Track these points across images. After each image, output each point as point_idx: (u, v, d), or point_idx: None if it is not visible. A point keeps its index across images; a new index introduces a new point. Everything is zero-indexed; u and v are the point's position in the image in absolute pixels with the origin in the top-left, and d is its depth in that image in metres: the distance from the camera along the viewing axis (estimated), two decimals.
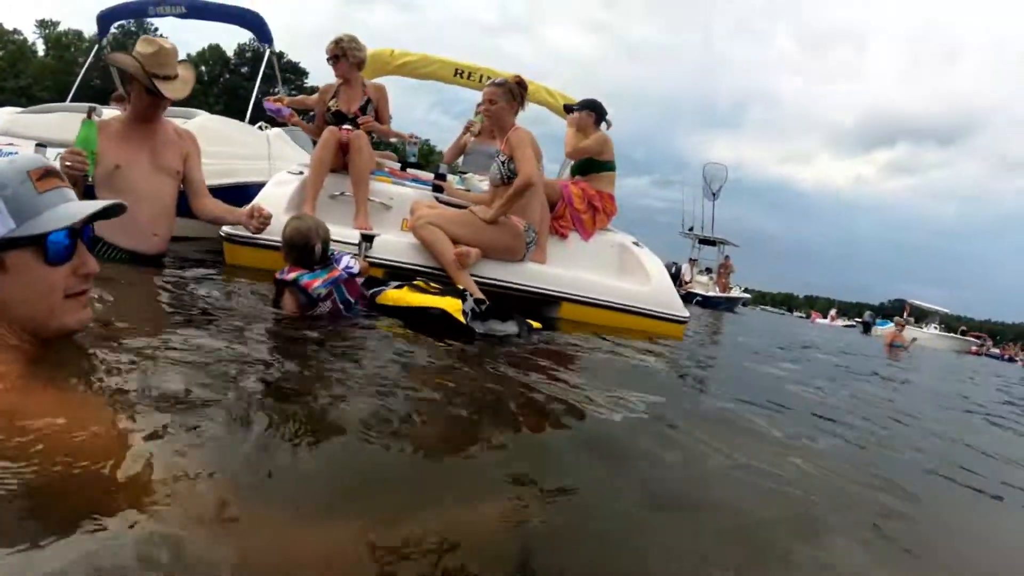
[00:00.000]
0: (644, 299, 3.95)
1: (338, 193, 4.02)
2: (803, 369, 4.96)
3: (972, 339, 30.65)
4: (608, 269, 4.20)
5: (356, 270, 2.70)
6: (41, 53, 53.18)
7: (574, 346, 3.01)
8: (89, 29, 51.37)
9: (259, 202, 3.57)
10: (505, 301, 3.37)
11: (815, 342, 9.37)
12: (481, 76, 6.37)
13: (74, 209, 1.15)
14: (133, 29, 52.85)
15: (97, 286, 1.50)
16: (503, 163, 3.62)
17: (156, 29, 54.34)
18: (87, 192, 2.75)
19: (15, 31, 53.56)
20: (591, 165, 4.46)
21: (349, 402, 1.48)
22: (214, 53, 55.02)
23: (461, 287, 3.19)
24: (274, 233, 3.34)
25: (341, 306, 2.63)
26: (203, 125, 5.23)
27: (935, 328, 29.27)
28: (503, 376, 2.07)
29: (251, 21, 7.23)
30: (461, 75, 6.48)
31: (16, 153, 2.77)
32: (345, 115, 4.26)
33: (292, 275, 2.54)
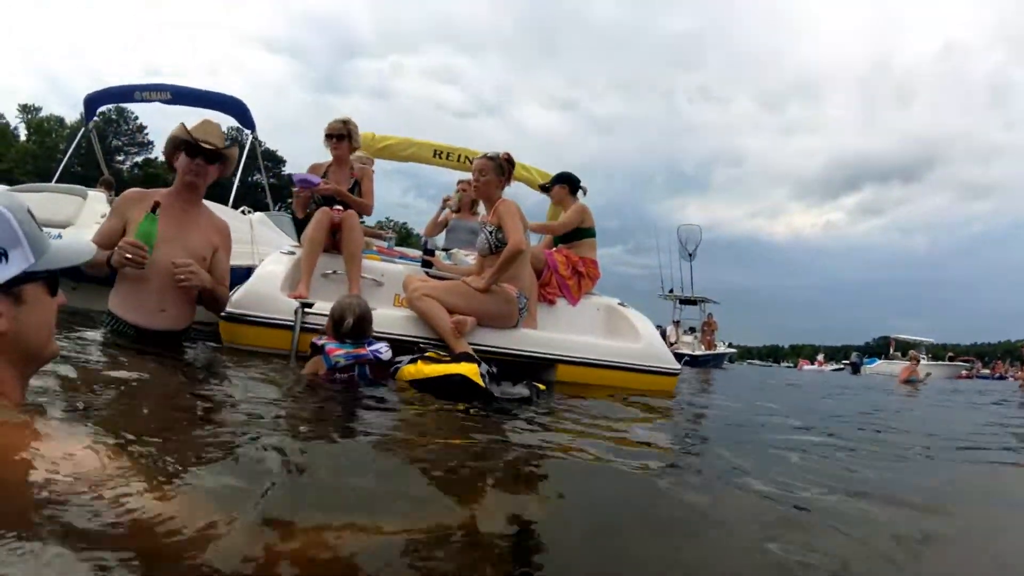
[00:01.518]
0: (637, 355, 4.06)
1: (330, 272, 4.12)
2: (800, 406, 5.09)
3: (961, 363, 31.13)
4: (597, 330, 4.35)
5: (385, 357, 2.83)
6: (23, 138, 53.76)
7: (580, 404, 3.09)
8: (70, 116, 52.55)
9: (255, 282, 3.67)
10: (504, 367, 3.45)
11: (814, 382, 9.53)
12: (459, 156, 6.63)
13: (76, 247, 1.23)
14: (114, 117, 53.97)
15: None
16: (491, 233, 3.79)
17: (136, 118, 55.55)
18: None
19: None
20: (573, 233, 4.65)
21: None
22: None
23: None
24: (272, 312, 3.51)
25: (359, 384, 2.75)
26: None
27: (924, 359, 29.65)
28: (526, 431, 2.22)
29: (234, 107, 7.45)
30: (440, 155, 6.70)
31: None
32: (335, 199, 4.40)
33: (323, 341, 2.78)
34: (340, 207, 4.26)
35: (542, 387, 3.07)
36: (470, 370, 2.77)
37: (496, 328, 3.78)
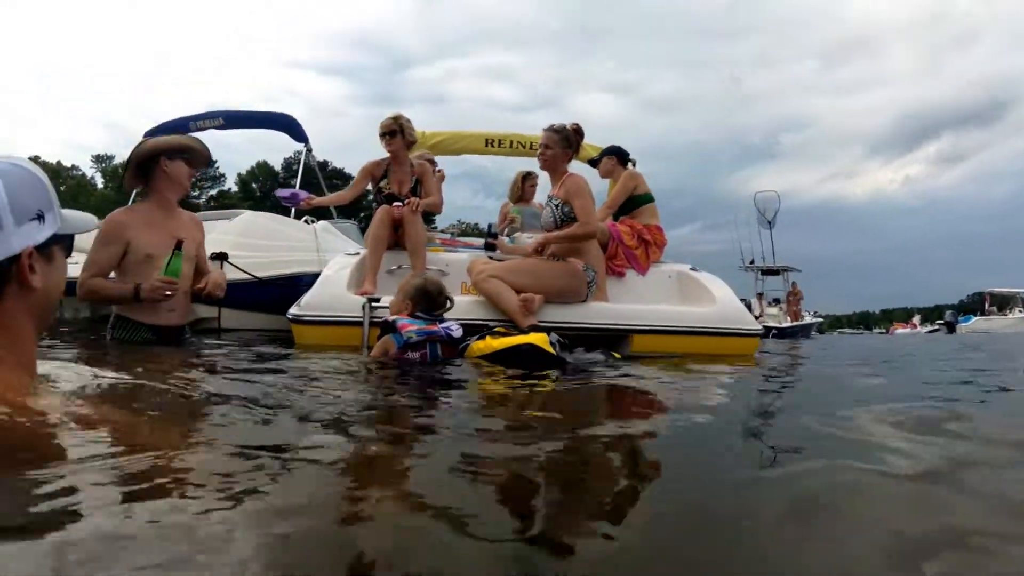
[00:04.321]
0: (713, 319, 3.89)
1: (395, 267, 4.16)
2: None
3: None
4: (671, 298, 4.21)
5: (457, 334, 2.83)
6: (100, 186, 57.10)
7: (659, 372, 2.94)
8: None
9: (321, 284, 3.82)
10: (577, 341, 3.40)
11: (905, 345, 8.78)
12: (512, 142, 6.60)
13: (83, 217, 1.34)
14: None
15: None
16: (557, 206, 3.71)
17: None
18: None
19: (73, 167, 58.95)
20: (630, 202, 4.53)
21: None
22: (263, 169, 58.12)
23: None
24: (336, 310, 3.61)
25: (430, 361, 2.74)
26: (250, 221, 5.65)
27: (1020, 312, 27.72)
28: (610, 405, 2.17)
29: (285, 123, 7.59)
30: (492, 144, 6.69)
31: None
32: (397, 196, 4.44)
33: (394, 317, 2.80)
34: (400, 203, 4.29)
35: (617, 356, 2.99)
36: (539, 339, 2.73)
37: (566, 304, 3.70)
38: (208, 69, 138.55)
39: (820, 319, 25.03)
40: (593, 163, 5.06)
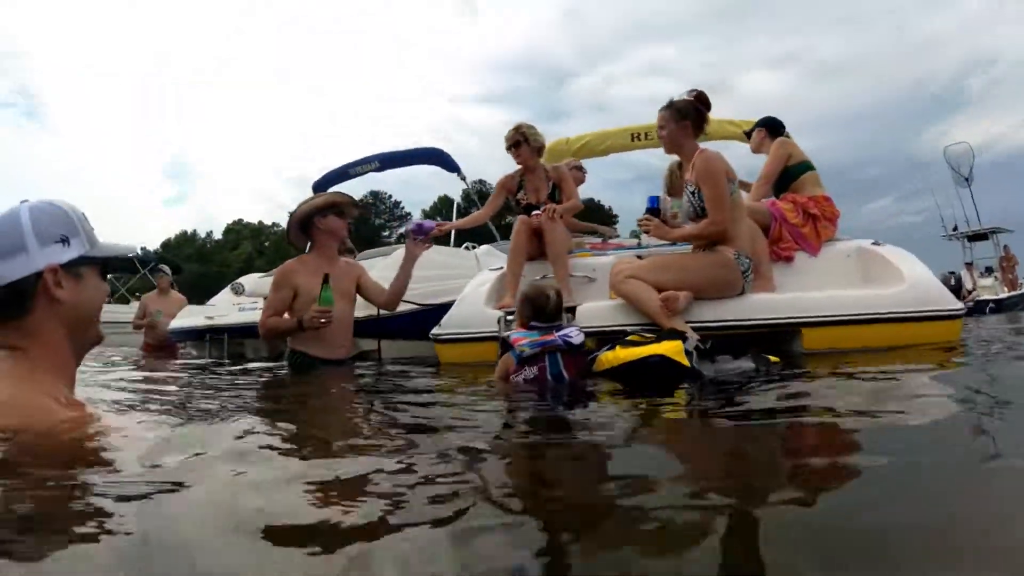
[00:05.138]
0: (902, 301, 3.18)
1: (539, 278, 3.99)
2: None
3: None
4: (850, 280, 3.55)
5: (576, 340, 2.56)
6: None
7: (837, 380, 2.38)
8: None
9: (459, 302, 3.77)
10: (734, 343, 2.95)
11: None
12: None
13: (122, 244, 1.54)
14: (371, 201, 61.75)
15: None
16: (693, 193, 3.27)
17: (390, 196, 62.78)
18: None
19: (274, 224, 67.34)
20: (786, 175, 3.99)
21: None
22: (444, 202, 61.58)
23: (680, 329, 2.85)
24: (474, 326, 3.55)
25: (550, 378, 2.49)
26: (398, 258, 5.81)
27: None
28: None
29: (434, 156, 7.76)
30: (638, 138, 6.46)
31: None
32: (535, 206, 4.29)
33: (508, 332, 2.67)
34: (539, 212, 4.12)
35: (774, 359, 2.53)
36: (670, 348, 2.37)
37: (719, 299, 3.25)
38: (377, 114, 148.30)
39: None
40: (748, 135, 4.57)
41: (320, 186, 8.02)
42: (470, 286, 3.99)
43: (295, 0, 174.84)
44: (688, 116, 3.33)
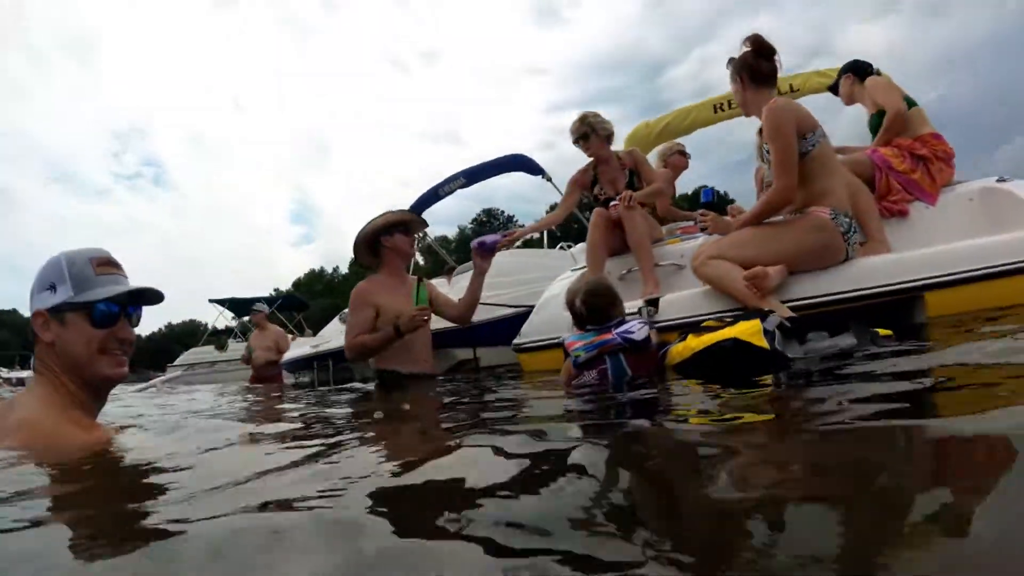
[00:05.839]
0: None
1: (625, 272, 3.75)
2: None
3: None
4: (976, 229, 2.94)
5: (639, 336, 2.26)
6: (421, 261, 67.81)
7: (968, 348, 1.88)
8: (451, 232, 62.75)
9: (536, 309, 3.61)
10: (841, 318, 2.48)
11: None
12: None
13: (115, 289, 1.55)
14: (484, 219, 62.85)
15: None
16: (767, 152, 2.88)
17: (503, 212, 63.62)
18: None
19: None
20: (881, 117, 3.49)
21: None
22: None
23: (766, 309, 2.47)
24: (553, 332, 3.36)
25: (612, 379, 2.23)
26: (497, 263, 5.73)
27: None
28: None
29: (518, 162, 7.76)
30: (722, 108, 6.09)
31: None
32: (613, 197, 4.03)
33: (563, 337, 2.46)
34: (616, 202, 3.87)
35: (885, 331, 2.13)
36: (745, 330, 2.04)
37: (820, 269, 2.83)
38: (480, 134, 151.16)
39: None
40: (833, 90, 4.06)
41: (416, 208, 8.13)
42: (549, 290, 3.82)
43: (392, 51, 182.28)
44: (743, 69, 2.97)
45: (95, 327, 1.51)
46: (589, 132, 4.06)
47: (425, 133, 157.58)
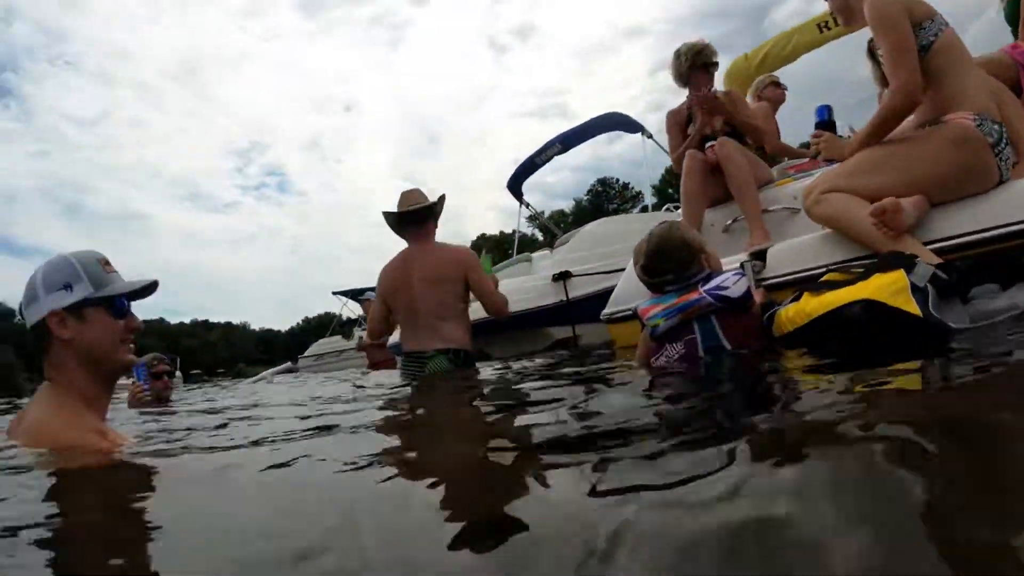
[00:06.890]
0: None
1: (730, 222, 3.32)
2: None
3: None
4: None
5: (736, 292, 1.80)
6: (540, 238, 68.24)
7: None
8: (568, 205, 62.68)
9: (626, 275, 3.32)
10: (1007, 263, 1.89)
11: None
12: None
13: (128, 283, 1.62)
14: (600, 188, 62.20)
15: None
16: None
17: (617, 180, 62.86)
18: None
19: (514, 231, 71.76)
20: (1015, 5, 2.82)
21: None
22: (671, 174, 60.35)
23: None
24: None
25: (702, 354, 1.80)
26: (590, 232, 5.88)
27: None
28: None
29: (615, 121, 7.61)
30: (826, 27, 5.69)
31: None
32: (711, 137, 3.57)
33: (637, 303, 2.04)
34: (713, 143, 3.42)
35: None
36: (883, 286, 1.51)
37: (965, 199, 2.17)
38: (586, 99, 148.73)
39: None
40: None
41: (514, 181, 7.98)
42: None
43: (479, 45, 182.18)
44: None
45: (116, 318, 1.59)
46: (710, 63, 3.65)
47: (532, 111, 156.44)
